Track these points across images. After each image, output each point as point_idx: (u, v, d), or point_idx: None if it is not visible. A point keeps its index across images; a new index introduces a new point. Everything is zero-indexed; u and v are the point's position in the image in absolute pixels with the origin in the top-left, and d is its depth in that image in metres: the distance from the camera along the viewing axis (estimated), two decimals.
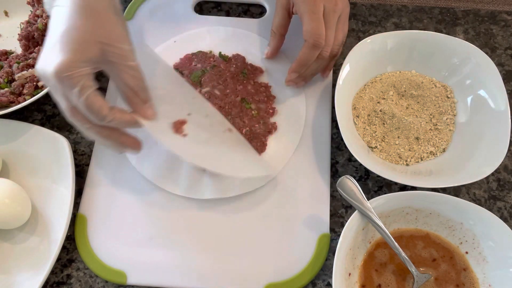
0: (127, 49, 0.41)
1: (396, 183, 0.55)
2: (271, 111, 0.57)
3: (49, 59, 0.38)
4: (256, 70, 0.59)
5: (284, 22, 0.56)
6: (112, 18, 0.41)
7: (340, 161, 0.57)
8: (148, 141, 0.55)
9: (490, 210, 0.50)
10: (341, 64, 0.55)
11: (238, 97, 0.57)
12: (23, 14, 0.65)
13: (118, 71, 0.40)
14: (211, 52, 0.61)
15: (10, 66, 0.59)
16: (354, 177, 0.50)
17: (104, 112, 0.39)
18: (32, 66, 0.59)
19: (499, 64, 0.62)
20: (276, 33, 0.57)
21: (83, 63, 0.38)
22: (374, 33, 0.63)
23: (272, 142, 0.56)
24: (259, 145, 0.55)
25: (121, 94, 0.42)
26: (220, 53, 0.60)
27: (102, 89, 0.61)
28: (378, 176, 0.51)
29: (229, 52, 0.61)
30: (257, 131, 0.55)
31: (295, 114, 0.57)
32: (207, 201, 0.53)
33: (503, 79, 0.53)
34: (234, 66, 0.59)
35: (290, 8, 0.55)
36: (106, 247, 0.51)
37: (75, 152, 0.57)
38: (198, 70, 0.58)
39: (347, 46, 0.64)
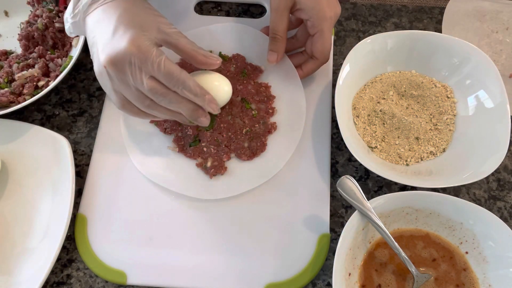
0: (172, 27, 0.47)
1: (396, 183, 0.55)
2: (270, 111, 0.57)
3: (117, 43, 0.42)
4: (256, 70, 0.59)
5: (288, 24, 0.55)
6: (147, 8, 0.47)
7: (340, 161, 0.57)
8: (150, 141, 0.56)
9: (490, 210, 0.50)
10: (341, 64, 0.55)
11: (238, 97, 0.57)
12: (23, 14, 0.65)
13: (176, 42, 0.47)
14: (211, 52, 0.60)
15: (10, 66, 0.59)
16: (354, 177, 0.50)
17: (183, 75, 0.45)
18: (32, 66, 0.59)
19: None
20: (282, 37, 0.55)
21: (148, 39, 0.44)
22: (374, 33, 0.63)
23: (272, 141, 0.56)
24: (259, 145, 0.55)
25: (188, 60, 0.48)
26: (220, 53, 0.60)
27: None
28: (378, 176, 0.51)
29: (229, 51, 0.61)
30: (257, 131, 0.55)
31: (295, 113, 0.57)
32: (207, 201, 0.53)
33: None
34: (234, 66, 0.59)
35: (291, 8, 0.55)
36: (106, 247, 0.51)
37: (75, 152, 0.57)
38: (199, 69, 0.58)
39: (347, 46, 0.64)
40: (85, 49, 0.53)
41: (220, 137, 0.55)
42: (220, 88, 0.53)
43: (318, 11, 0.52)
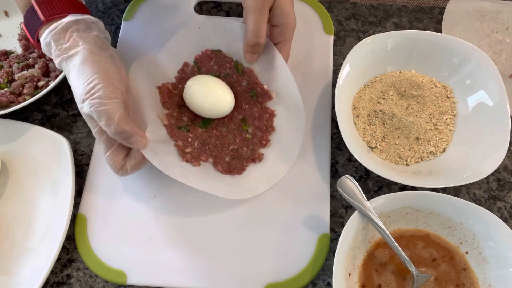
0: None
1: (396, 183, 0.55)
2: (264, 142, 0.54)
3: (106, 109, 0.44)
4: (265, 95, 0.55)
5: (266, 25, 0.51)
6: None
7: (340, 161, 0.57)
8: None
9: (490, 210, 0.50)
10: (341, 64, 0.55)
11: (241, 115, 0.56)
12: None
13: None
14: (229, 56, 0.57)
15: (10, 66, 0.59)
16: (354, 177, 0.50)
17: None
18: (32, 66, 0.59)
19: None
20: (263, 40, 0.51)
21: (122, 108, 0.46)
22: (374, 33, 0.63)
23: (272, 152, 0.54)
24: (238, 166, 0.53)
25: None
26: (236, 62, 0.57)
27: None
28: (378, 176, 0.51)
29: (234, 49, 0.57)
30: (242, 154, 0.54)
31: (294, 121, 0.54)
32: (207, 202, 0.53)
33: None
34: (246, 81, 0.56)
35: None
36: (106, 247, 0.51)
37: (75, 152, 0.57)
38: (214, 72, 0.57)
39: (347, 46, 0.64)
40: None
41: (208, 140, 0.55)
42: (222, 98, 0.53)
43: (290, 20, 0.51)
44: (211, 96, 0.51)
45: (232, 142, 0.55)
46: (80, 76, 0.45)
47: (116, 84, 0.46)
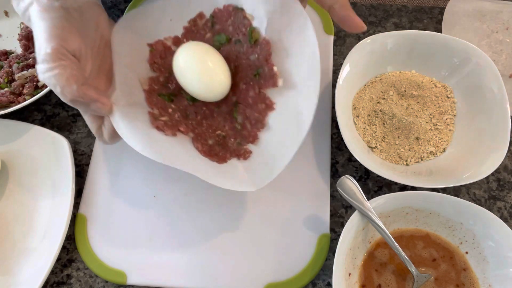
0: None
1: (396, 183, 0.55)
2: (251, 139, 0.45)
3: (53, 75, 0.38)
4: (270, 78, 0.43)
5: None
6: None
7: (340, 161, 0.57)
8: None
9: (490, 210, 0.50)
10: (341, 64, 0.55)
11: (235, 96, 0.46)
12: None
13: None
14: (250, 17, 0.44)
15: (10, 66, 0.59)
16: (354, 177, 0.50)
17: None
18: (32, 66, 0.59)
19: None
20: None
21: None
22: (374, 33, 0.63)
23: (259, 155, 0.46)
24: (220, 155, 0.45)
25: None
26: (251, 29, 0.44)
27: None
28: (378, 176, 0.51)
29: (259, 12, 0.43)
30: (227, 144, 0.46)
31: (292, 128, 0.43)
32: (207, 201, 0.53)
33: None
34: (256, 55, 0.44)
35: None
36: (106, 247, 0.51)
37: (75, 152, 0.57)
38: (227, 34, 0.46)
39: (347, 46, 0.64)
40: None
41: (192, 114, 0.47)
42: (213, 73, 0.43)
43: None
44: (201, 73, 0.42)
45: (221, 127, 0.46)
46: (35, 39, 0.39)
47: (72, 44, 0.39)
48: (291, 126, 0.43)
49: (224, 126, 0.47)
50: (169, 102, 0.46)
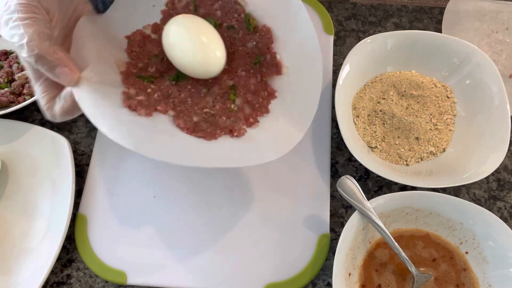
0: None
1: (396, 183, 0.55)
2: (252, 120, 0.43)
3: (19, 24, 0.35)
4: (273, 67, 0.43)
5: None
6: None
7: (340, 161, 0.57)
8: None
9: (490, 210, 0.50)
10: (341, 64, 0.55)
11: (232, 81, 0.44)
12: None
13: None
14: (243, 3, 0.44)
15: (10, 66, 0.59)
16: (354, 177, 0.50)
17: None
18: None
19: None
20: None
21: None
22: (374, 33, 0.63)
23: (256, 136, 0.44)
24: (209, 131, 0.41)
25: None
26: (248, 15, 0.43)
27: None
28: (378, 176, 0.51)
29: None
30: (217, 121, 0.42)
31: (293, 117, 0.44)
32: (207, 201, 0.53)
33: None
34: (254, 43, 0.43)
35: None
36: (106, 247, 0.51)
37: (75, 152, 0.57)
38: (214, 19, 0.44)
39: (347, 46, 0.64)
40: None
41: (175, 93, 0.43)
42: (208, 49, 0.40)
43: None
44: (195, 46, 0.39)
45: (209, 106, 0.43)
46: None
47: (47, 0, 0.36)
48: (290, 114, 0.42)
49: (214, 106, 0.43)
50: (148, 83, 0.43)
